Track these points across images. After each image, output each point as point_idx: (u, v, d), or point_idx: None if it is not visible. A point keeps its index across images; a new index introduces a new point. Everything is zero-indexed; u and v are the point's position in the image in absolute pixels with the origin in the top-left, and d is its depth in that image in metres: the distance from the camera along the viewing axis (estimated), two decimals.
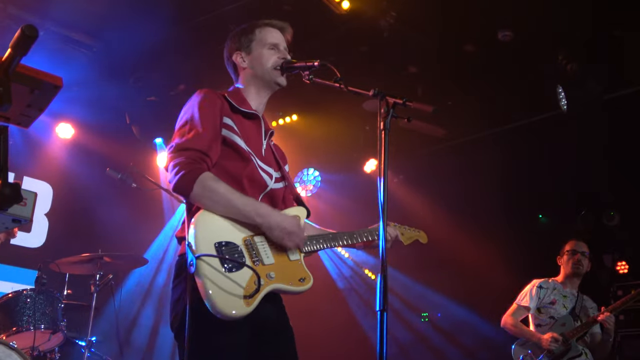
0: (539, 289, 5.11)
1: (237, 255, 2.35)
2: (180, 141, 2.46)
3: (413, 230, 3.12)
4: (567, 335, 4.81)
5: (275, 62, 2.73)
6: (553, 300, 5.04)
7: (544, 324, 4.99)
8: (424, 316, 8.11)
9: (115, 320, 5.57)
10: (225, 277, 2.27)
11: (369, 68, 5.99)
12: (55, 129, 6.72)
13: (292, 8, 5.46)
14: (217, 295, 2.23)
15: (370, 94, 2.48)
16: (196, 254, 2.26)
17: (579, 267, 5.10)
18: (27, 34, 1.54)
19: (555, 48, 5.81)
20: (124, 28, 5.84)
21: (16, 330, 4.44)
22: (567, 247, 5.20)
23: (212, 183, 2.39)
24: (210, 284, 2.23)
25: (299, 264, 2.50)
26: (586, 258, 5.13)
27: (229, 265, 2.30)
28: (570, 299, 5.08)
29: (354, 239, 2.75)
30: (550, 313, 5.00)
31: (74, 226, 6.71)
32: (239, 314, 2.24)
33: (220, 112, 2.57)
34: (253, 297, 2.27)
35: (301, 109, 7.31)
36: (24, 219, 1.97)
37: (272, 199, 2.68)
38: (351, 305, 8.28)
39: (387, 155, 2.28)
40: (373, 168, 7.95)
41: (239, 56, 2.79)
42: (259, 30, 2.80)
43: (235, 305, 2.24)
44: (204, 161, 2.44)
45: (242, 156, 2.56)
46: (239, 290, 2.27)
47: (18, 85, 1.68)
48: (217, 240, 2.35)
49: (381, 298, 2.10)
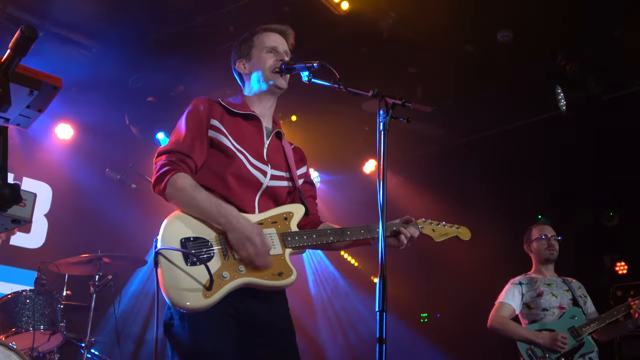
0: (518, 285, 4.88)
1: (204, 250, 2.39)
2: (163, 146, 2.59)
3: (450, 226, 3.00)
4: (579, 330, 4.57)
5: (273, 64, 2.76)
6: (540, 292, 4.79)
7: (538, 319, 4.73)
8: (423, 317, 8.12)
9: (114, 321, 5.57)
10: (183, 271, 2.32)
11: (369, 69, 5.99)
12: (55, 129, 6.71)
13: (291, 9, 5.46)
14: (172, 288, 2.29)
15: (369, 95, 2.49)
16: (156, 250, 2.36)
17: (552, 252, 4.91)
18: (26, 34, 1.54)
19: (555, 48, 5.82)
20: (123, 29, 5.84)
21: (15, 331, 4.43)
22: (535, 233, 5.01)
23: (182, 184, 2.45)
24: (167, 277, 2.31)
25: (280, 258, 2.49)
26: (557, 242, 4.95)
27: (192, 259, 2.34)
28: (557, 285, 4.84)
29: (348, 236, 2.69)
30: (541, 305, 4.74)
31: (74, 227, 6.70)
32: (194, 306, 2.27)
33: (208, 115, 2.63)
34: (212, 289, 2.29)
35: (301, 110, 7.31)
36: (23, 220, 1.97)
37: (274, 197, 2.69)
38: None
39: (386, 155, 2.28)
40: (372, 169, 7.95)
41: (241, 63, 2.85)
42: (257, 36, 2.84)
43: (191, 297, 2.27)
44: (183, 162, 2.51)
45: (227, 154, 2.59)
46: (198, 283, 2.30)
47: (17, 86, 1.68)
48: (185, 235, 2.41)
49: (381, 299, 2.10)
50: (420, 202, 7.49)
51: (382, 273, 2.14)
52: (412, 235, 2.76)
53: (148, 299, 7.12)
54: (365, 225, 2.73)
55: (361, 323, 8.12)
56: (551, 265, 4.98)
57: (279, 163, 2.75)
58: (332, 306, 8.38)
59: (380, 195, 2.22)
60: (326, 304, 8.40)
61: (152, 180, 2.51)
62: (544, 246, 4.94)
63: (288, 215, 2.64)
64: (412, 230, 2.77)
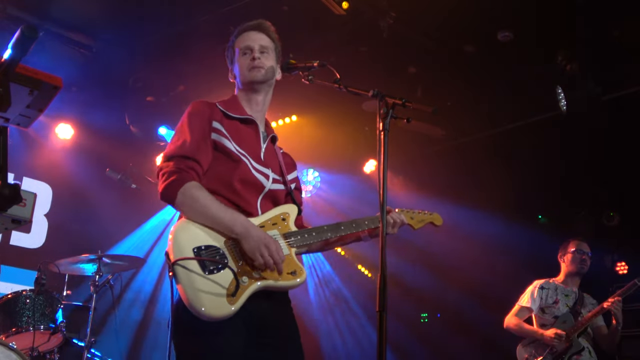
0: (540, 289, 5.15)
1: (218, 258, 2.37)
2: (169, 150, 2.54)
3: (424, 213, 3.05)
4: (569, 332, 4.84)
5: (249, 64, 2.73)
6: (556, 300, 5.08)
7: (548, 324, 5.02)
8: (423, 317, 8.12)
9: (114, 321, 5.57)
10: (205, 279, 2.29)
11: (369, 68, 5.99)
12: (55, 129, 6.72)
13: (291, 9, 5.45)
14: (198, 298, 2.25)
15: (369, 95, 2.49)
16: (172, 261, 2.31)
17: (583, 267, 5.16)
18: (26, 34, 1.54)
19: (555, 48, 5.81)
20: (123, 28, 5.84)
21: (15, 331, 4.43)
22: (572, 247, 5.23)
23: (194, 192, 2.43)
24: (190, 288, 2.27)
25: (289, 258, 2.50)
26: (589, 259, 5.20)
27: (209, 267, 2.32)
28: (572, 297, 5.11)
29: (342, 231, 2.70)
30: (553, 313, 5.04)
31: (74, 227, 6.70)
32: (223, 314, 2.25)
33: (210, 118, 2.61)
34: (236, 296, 2.28)
35: (301, 110, 7.31)
36: (23, 220, 1.97)
37: (275, 200, 2.70)
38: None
39: (386, 155, 2.28)
40: (372, 169, 7.95)
41: (230, 72, 2.86)
42: (234, 40, 2.83)
43: (218, 305, 2.25)
44: (192, 167, 2.48)
45: (232, 158, 2.58)
46: (221, 290, 2.28)
47: (17, 85, 1.68)
48: (196, 245, 2.38)
49: (381, 299, 2.10)
50: (419, 203, 7.48)
51: (382, 273, 2.14)
52: (395, 221, 2.79)
53: (148, 299, 7.12)
54: (354, 220, 2.75)
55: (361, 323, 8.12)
56: (578, 279, 5.23)
57: (275, 167, 2.76)
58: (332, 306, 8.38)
59: (381, 195, 2.22)
60: (326, 304, 8.41)
61: (160, 188, 2.47)
62: (577, 260, 5.18)
63: (285, 215, 2.65)
64: (395, 216, 2.81)
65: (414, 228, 3.00)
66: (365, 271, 8.55)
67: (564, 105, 5.92)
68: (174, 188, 2.42)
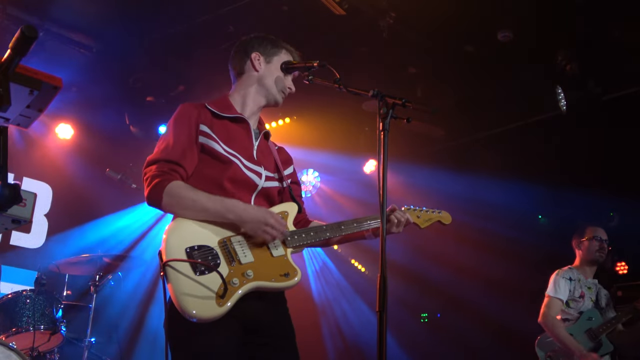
0: (569, 281, 4.86)
1: (210, 258, 2.37)
2: (152, 154, 2.55)
3: (432, 211, 2.99)
4: (596, 331, 4.62)
5: (284, 87, 2.80)
6: (582, 294, 4.83)
7: (571, 319, 4.77)
8: (423, 317, 8.11)
9: (114, 321, 5.57)
10: (194, 281, 2.29)
11: (369, 68, 5.98)
12: (55, 129, 6.71)
13: (291, 9, 5.45)
14: (186, 299, 2.25)
15: (369, 95, 2.48)
16: (164, 262, 2.31)
17: (602, 254, 4.93)
18: (26, 34, 1.54)
19: (555, 48, 5.81)
20: (123, 28, 5.84)
21: (16, 331, 4.44)
22: (589, 233, 5.00)
23: (179, 190, 2.43)
24: (179, 290, 2.27)
25: (284, 259, 2.50)
26: (608, 246, 4.96)
27: (200, 267, 2.32)
28: (594, 289, 4.89)
29: (342, 231, 2.69)
30: (579, 308, 4.80)
31: (74, 227, 6.70)
32: (211, 315, 2.25)
33: (196, 121, 2.61)
34: (225, 297, 2.28)
35: (301, 110, 7.30)
36: (23, 220, 1.97)
37: (268, 198, 2.70)
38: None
39: (386, 156, 2.28)
40: (372, 169, 7.94)
41: (258, 59, 2.81)
42: (285, 52, 2.85)
43: (206, 307, 2.26)
44: (175, 170, 2.48)
45: (222, 160, 2.58)
46: (210, 292, 2.28)
47: (17, 85, 1.68)
48: (189, 245, 2.38)
49: (381, 299, 2.10)
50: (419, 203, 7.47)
51: (382, 273, 2.14)
52: (399, 220, 2.74)
53: (147, 299, 7.12)
54: (355, 219, 2.74)
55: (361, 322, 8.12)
56: (595, 267, 5.00)
57: (269, 164, 2.76)
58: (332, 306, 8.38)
59: (381, 195, 2.22)
60: (326, 304, 8.40)
61: (146, 193, 2.46)
62: (596, 247, 4.95)
63: (284, 214, 2.65)
64: (399, 214, 2.76)
65: (420, 227, 2.94)
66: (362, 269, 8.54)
67: (564, 105, 5.92)
68: (158, 190, 2.42)
